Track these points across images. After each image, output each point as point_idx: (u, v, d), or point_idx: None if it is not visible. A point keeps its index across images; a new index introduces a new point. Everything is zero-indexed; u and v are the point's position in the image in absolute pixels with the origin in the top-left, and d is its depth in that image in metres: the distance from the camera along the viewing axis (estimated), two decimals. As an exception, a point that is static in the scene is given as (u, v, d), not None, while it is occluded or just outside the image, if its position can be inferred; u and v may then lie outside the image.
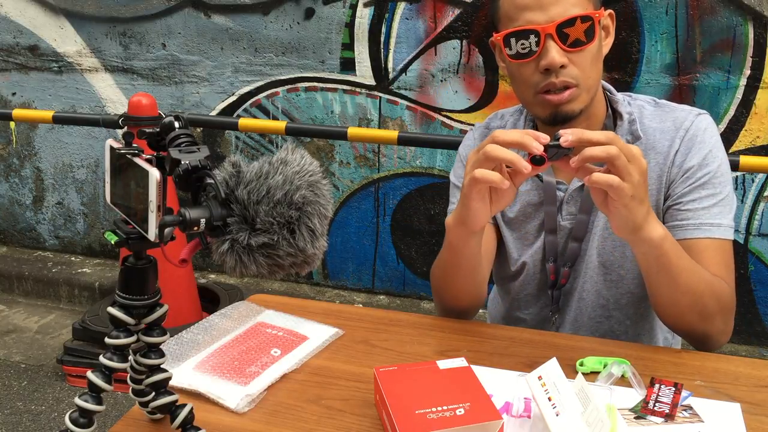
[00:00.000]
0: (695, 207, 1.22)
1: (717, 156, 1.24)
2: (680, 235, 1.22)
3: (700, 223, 1.22)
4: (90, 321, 2.75)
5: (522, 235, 1.36)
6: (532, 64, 1.17)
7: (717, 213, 1.22)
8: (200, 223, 0.74)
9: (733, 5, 2.49)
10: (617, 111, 1.29)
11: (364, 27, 2.93)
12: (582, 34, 1.15)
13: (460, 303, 1.30)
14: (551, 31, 1.14)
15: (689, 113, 1.27)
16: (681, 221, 1.23)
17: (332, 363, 1.12)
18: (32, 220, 3.79)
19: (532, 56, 1.16)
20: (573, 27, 1.14)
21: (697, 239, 1.21)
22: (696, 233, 1.21)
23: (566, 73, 1.16)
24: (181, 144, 0.77)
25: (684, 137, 1.25)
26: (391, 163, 3.09)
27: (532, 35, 1.15)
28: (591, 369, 1.08)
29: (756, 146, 2.60)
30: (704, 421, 0.96)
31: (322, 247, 0.78)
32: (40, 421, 2.52)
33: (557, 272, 1.34)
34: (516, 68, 1.21)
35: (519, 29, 1.16)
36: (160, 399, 0.89)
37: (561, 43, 1.15)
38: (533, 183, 1.32)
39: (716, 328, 1.17)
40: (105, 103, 3.43)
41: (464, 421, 0.87)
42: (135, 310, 0.83)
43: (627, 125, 1.28)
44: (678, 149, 1.25)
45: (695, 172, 1.23)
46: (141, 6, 3.21)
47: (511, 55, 1.19)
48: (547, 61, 1.15)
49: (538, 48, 1.15)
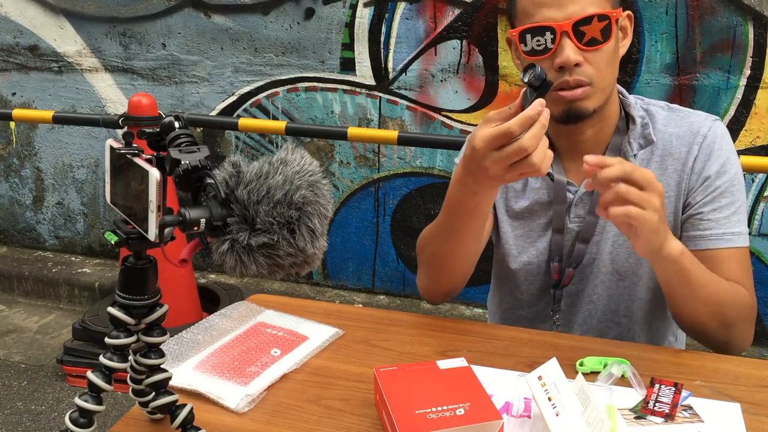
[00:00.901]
0: (716, 217, 1.23)
1: (733, 163, 1.25)
2: (702, 245, 1.24)
3: (722, 233, 1.23)
4: (90, 321, 2.75)
5: (526, 231, 1.35)
6: (547, 62, 1.16)
7: (736, 222, 1.24)
8: (200, 223, 0.74)
9: (733, 5, 2.49)
10: (630, 114, 1.28)
11: (364, 27, 2.93)
12: (598, 33, 1.15)
13: (453, 272, 1.28)
14: (567, 29, 1.13)
15: (705, 119, 1.27)
16: (703, 231, 1.24)
17: (332, 363, 1.12)
18: (32, 220, 3.79)
19: (548, 53, 1.16)
20: (589, 25, 1.14)
21: (718, 249, 1.23)
22: (718, 243, 1.23)
23: (581, 72, 1.16)
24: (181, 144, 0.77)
25: (702, 144, 1.25)
26: (391, 163, 3.09)
27: (548, 32, 1.14)
28: (591, 369, 1.08)
29: (756, 146, 2.60)
30: (704, 421, 0.96)
31: (322, 247, 0.78)
32: (40, 421, 2.52)
33: (561, 272, 1.33)
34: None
35: (535, 25, 1.15)
36: (160, 399, 0.89)
37: (577, 42, 1.14)
38: (543, 182, 1.32)
39: (738, 336, 1.20)
40: (105, 103, 3.43)
41: (464, 421, 0.87)
42: (135, 310, 0.83)
43: (640, 129, 1.27)
44: (697, 156, 1.25)
45: (714, 180, 1.24)
46: (141, 6, 3.21)
47: (526, 51, 1.18)
48: (561, 59, 1.14)
49: (553, 45, 1.15)
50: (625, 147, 1.27)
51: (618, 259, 1.30)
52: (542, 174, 1.01)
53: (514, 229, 1.36)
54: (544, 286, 1.37)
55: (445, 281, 1.31)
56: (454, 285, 1.31)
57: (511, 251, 1.37)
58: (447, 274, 1.29)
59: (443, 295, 1.34)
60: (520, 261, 1.36)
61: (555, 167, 1.30)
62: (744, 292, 1.21)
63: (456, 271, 1.28)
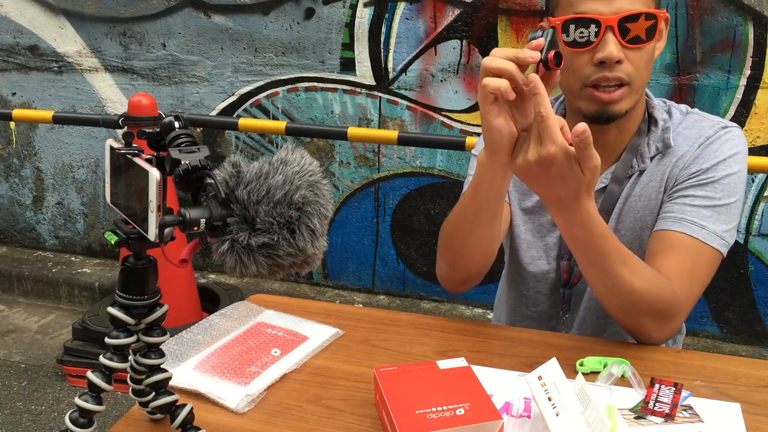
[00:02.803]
0: (684, 203, 1.19)
1: (729, 166, 1.21)
2: (659, 225, 1.19)
3: (682, 217, 1.18)
4: (90, 321, 2.75)
5: (536, 227, 1.35)
6: (587, 55, 1.14)
7: (707, 216, 1.18)
8: (200, 223, 0.74)
9: (733, 5, 2.49)
10: (653, 116, 1.26)
11: (364, 27, 2.93)
12: (643, 32, 1.12)
13: (471, 258, 1.24)
14: (613, 24, 1.11)
15: (716, 124, 1.25)
16: (666, 213, 1.20)
17: (332, 363, 1.12)
18: (32, 220, 3.79)
19: (589, 46, 1.13)
20: (636, 23, 1.11)
21: (672, 231, 1.17)
22: (674, 225, 1.18)
23: (621, 69, 1.13)
24: (181, 144, 0.77)
25: (702, 144, 1.23)
26: (391, 163, 3.09)
27: (593, 24, 1.12)
28: (591, 369, 1.08)
29: (756, 146, 2.60)
30: (704, 421, 0.96)
31: (322, 247, 0.78)
32: (40, 421, 2.52)
33: (570, 271, 1.33)
34: (570, 56, 1.16)
35: (581, 16, 1.12)
36: (160, 399, 0.89)
37: (621, 38, 1.12)
38: None
39: (644, 328, 1.14)
40: (105, 103, 3.43)
41: (464, 421, 0.87)
42: (135, 310, 0.83)
43: (660, 132, 1.25)
44: (694, 154, 1.22)
45: (699, 174, 1.21)
46: (141, 6, 3.21)
47: (567, 42, 1.15)
48: (604, 54, 1.12)
49: (596, 39, 1.12)
50: (643, 149, 1.26)
51: None
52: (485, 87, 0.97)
53: (524, 224, 1.36)
54: (553, 285, 1.36)
55: (461, 267, 1.26)
56: (470, 273, 1.26)
57: (521, 245, 1.37)
58: (464, 260, 1.25)
59: (461, 282, 1.29)
60: (529, 256, 1.36)
61: None
62: (667, 287, 1.11)
63: (472, 256, 1.24)
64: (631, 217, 1.28)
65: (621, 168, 1.26)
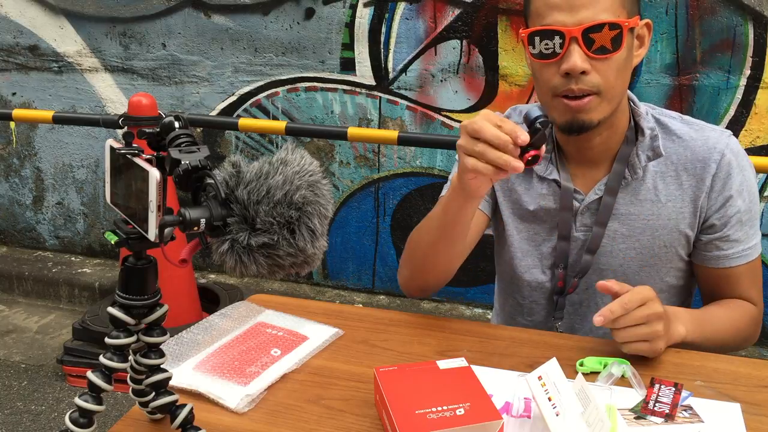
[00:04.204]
0: (738, 236, 1.26)
1: (750, 179, 1.26)
2: (724, 264, 1.27)
3: (741, 249, 1.26)
4: (90, 321, 2.75)
5: (531, 235, 1.35)
6: (554, 66, 1.14)
7: (753, 234, 1.28)
8: (200, 223, 0.74)
9: (733, 5, 2.49)
10: (639, 126, 1.26)
11: (364, 27, 2.93)
12: (608, 42, 1.12)
13: (430, 272, 1.30)
14: (577, 35, 1.11)
15: (721, 134, 1.26)
16: (726, 251, 1.27)
17: (332, 363, 1.12)
18: (32, 220, 3.79)
19: (555, 58, 1.13)
20: (600, 33, 1.11)
21: (736, 267, 1.27)
22: (737, 261, 1.27)
23: (587, 81, 1.14)
24: (181, 144, 0.77)
25: (720, 162, 1.24)
26: (391, 163, 3.09)
27: (556, 36, 1.12)
28: (591, 369, 1.08)
29: (756, 146, 2.60)
30: (704, 421, 0.96)
31: (322, 247, 0.78)
32: (40, 421, 2.52)
33: (566, 280, 1.32)
34: (538, 68, 1.18)
35: (544, 28, 1.13)
36: (160, 399, 0.89)
37: (585, 49, 1.12)
38: (550, 188, 1.31)
39: (747, 344, 1.30)
40: (105, 103, 3.43)
41: (464, 421, 0.87)
42: (135, 310, 0.84)
43: (648, 141, 1.25)
44: (715, 174, 1.24)
45: (736, 199, 1.24)
46: (141, 6, 3.21)
47: (534, 54, 1.16)
48: (568, 65, 1.12)
49: (561, 50, 1.12)
50: (633, 159, 1.26)
51: (629, 272, 1.29)
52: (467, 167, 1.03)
53: (519, 232, 1.36)
54: (548, 294, 1.36)
55: (419, 277, 1.33)
56: (427, 284, 1.34)
57: (515, 254, 1.36)
58: (423, 272, 1.32)
59: (419, 290, 1.36)
60: (524, 264, 1.36)
61: (562, 174, 1.29)
62: (751, 308, 1.28)
63: (431, 270, 1.30)
64: (629, 226, 1.28)
65: (613, 179, 1.27)
